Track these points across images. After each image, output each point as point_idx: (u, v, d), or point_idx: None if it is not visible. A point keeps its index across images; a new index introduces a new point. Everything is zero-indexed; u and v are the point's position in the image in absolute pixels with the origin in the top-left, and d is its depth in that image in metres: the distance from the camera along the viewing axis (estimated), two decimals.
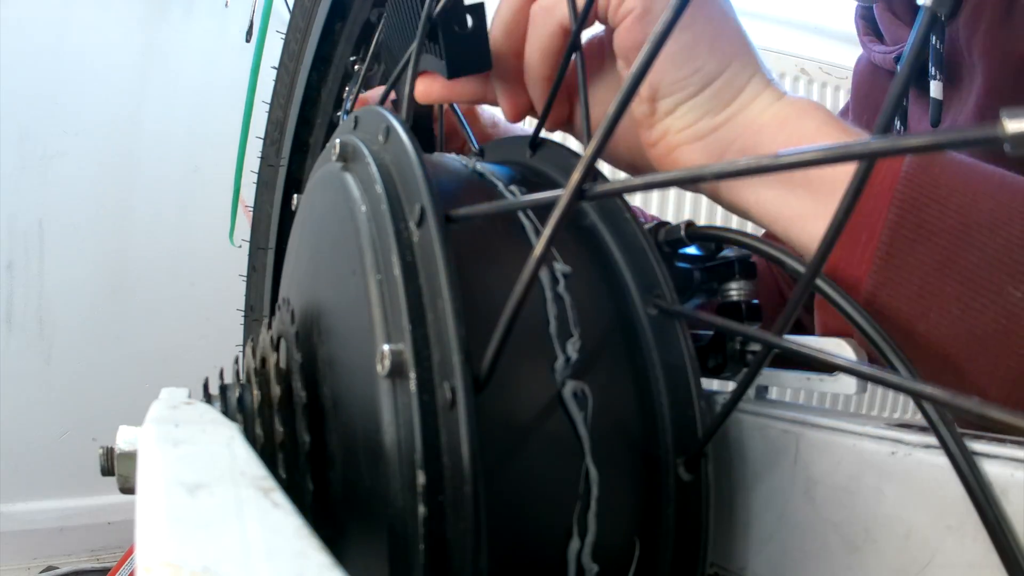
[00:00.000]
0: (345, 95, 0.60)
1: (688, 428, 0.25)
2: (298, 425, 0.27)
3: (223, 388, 0.30)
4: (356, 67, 0.59)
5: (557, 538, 0.22)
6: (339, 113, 0.61)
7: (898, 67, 0.57)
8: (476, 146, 0.39)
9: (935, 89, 0.54)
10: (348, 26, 0.58)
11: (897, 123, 0.57)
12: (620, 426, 0.24)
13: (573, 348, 0.24)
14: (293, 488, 0.26)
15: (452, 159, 0.32)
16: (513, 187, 0.29)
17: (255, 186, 0.69)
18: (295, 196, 0.36)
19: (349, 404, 0.25)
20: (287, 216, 0.65)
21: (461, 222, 0.23)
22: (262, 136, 0.68)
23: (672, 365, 0.25)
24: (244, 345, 0.74)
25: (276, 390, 0.27)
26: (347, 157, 0.28)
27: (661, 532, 0.24)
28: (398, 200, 0.24)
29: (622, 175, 0.56)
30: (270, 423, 0.27)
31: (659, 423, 0.25)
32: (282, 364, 0.29)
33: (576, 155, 0.30)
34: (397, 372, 0.21)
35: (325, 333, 0.28)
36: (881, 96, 0.63)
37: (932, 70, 0.54)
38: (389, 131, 0.26)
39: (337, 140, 0.28)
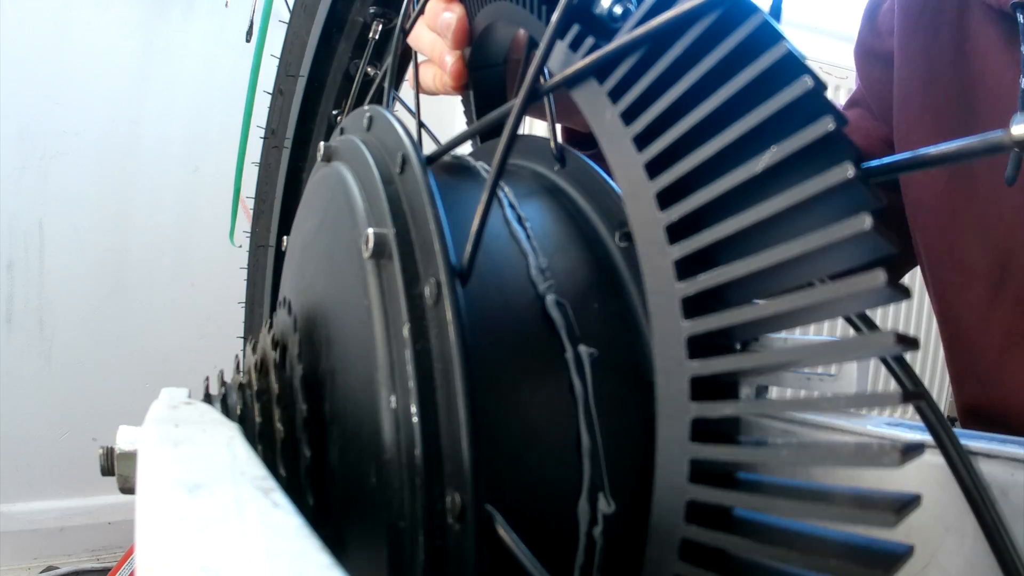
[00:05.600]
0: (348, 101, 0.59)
1: None
2: (298, 434, 0.27)
3: (223, 387, 0.30)
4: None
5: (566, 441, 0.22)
6: (335, 112, 0.61)
7: (1020, 16, 0.49)
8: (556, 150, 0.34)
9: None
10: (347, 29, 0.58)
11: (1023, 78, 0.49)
12: (604, 344, 0.24)
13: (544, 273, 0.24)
14: (293, 490, 0.26)
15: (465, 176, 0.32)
16: (522, 213, 0.29)
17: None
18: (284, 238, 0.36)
19: (347, 416, 0.25)
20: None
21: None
22: (263, 130, 0.68)
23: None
24: (245, 342, 0.73)
25: (275, 387, 0.28)
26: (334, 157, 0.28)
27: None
28: (411, 263, 0.24)
29: None
30: (269, 415, 0.27)
31: (642, 340, 0.25)
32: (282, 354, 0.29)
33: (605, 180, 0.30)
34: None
35: (322, 318, 0.28)
36: (948, 24, 0.56)
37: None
38: (405, 162, 0.26)
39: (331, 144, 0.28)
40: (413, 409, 0.20)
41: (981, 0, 0.53)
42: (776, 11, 0.17)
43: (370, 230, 0.23)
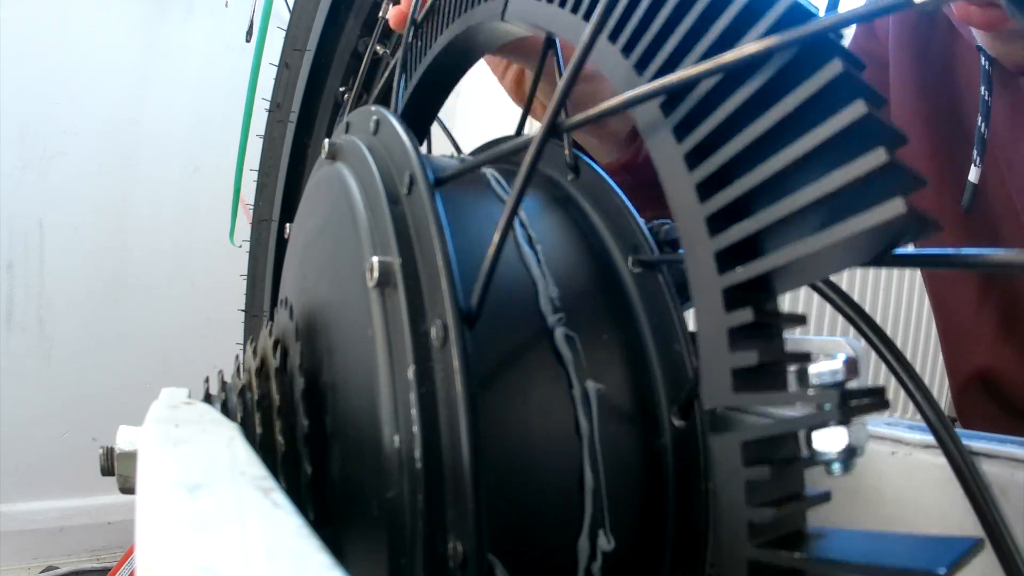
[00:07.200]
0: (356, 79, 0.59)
1: (679, 375, 0.25)
2: (299, 448, 0.27)
3: (223, 390, 0.30)
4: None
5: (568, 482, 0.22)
6: (341, 89, 0.61)
7: (983, 59, 0.53)
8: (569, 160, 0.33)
9: (973, 174, 0.52)
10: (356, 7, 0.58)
11: (981, 122, 0.54)
12: (612, 378, 0.24)
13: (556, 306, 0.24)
14: (291, 466, 0.26)
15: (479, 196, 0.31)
16: (536, 240, 0.28)
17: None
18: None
19: (349, 439, 0.25)
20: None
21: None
22: (262, 135, 0.68)
23: (659, 316, 0.25)
24: (246, 316, 0.73)
25: (276, 397, 0.27)
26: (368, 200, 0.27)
27: (662, 477, 0.24)
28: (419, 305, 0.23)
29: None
30: (270, 424, 0.27)
31: (649, 372, 0.25)
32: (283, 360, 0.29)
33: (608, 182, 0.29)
34: (387, 287, 0.21)
35: (323, 327, 0.28)
36: (939, 39, 0.59)
37: (974, 154, 0.52)
38: (413, 182, 0.26)
39: (356, 189, 0.28)
40: (417, 454, 0.20)
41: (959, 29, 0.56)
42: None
43: (375, 259, 0.22)
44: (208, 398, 0.29)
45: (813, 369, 0.15)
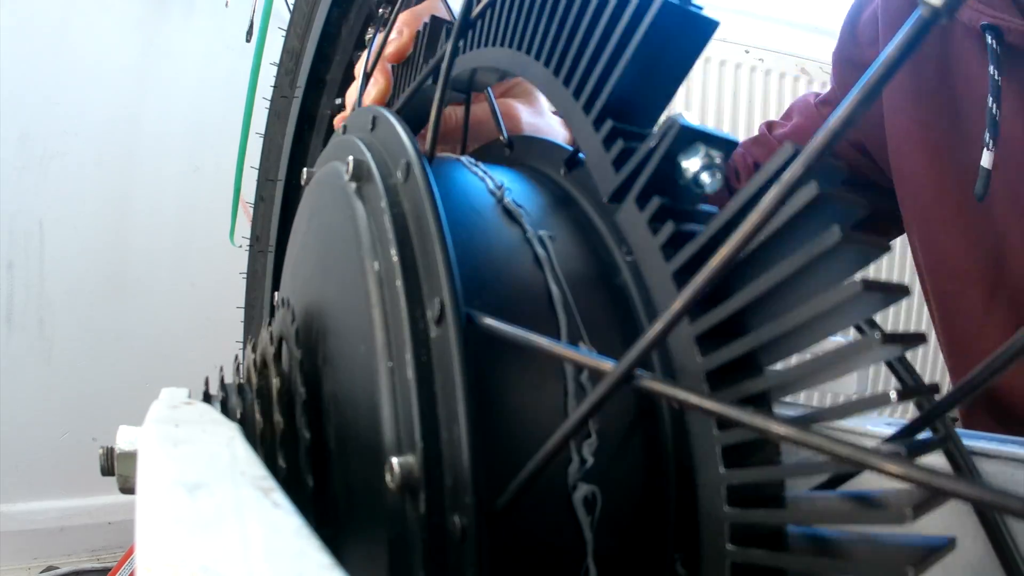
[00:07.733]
0: (368, 37, 0.59)
1: (692, 529, 0.24)
2: (298, 419, 0.27)
3: (223, 389, 0.30)
4: (381, 10, 0.58)
5: None
6: (358, 53, 0.61)
7: (989, 37, 0.51)
8: (505, 137, 0.36)
9: (987, 159, 0.51)
10: None
11: (991, 103, 0.51)
12: (625, 526, 0.23)
13: (588, 451, 0.23)
14: (292, 481, 0.26)
15: (472, 183, 0.29)
16: (542, 233, 0.27)
17: (267, 113, 0.68)
18: (304, 170, 0.34)
19: (347, 416, 0.25)
20: (298, 152, 0.65)
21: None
22: (262, 134, 0.68)
23: (685, 467, 0.24)
24: (244, 345, 0.74)
25: (275, 380, 0.28)
26: (362, 191, 0.27)
27: (663, 467, 0.23)
28: (417, 287, 0.23)
29: None
30: (269, 410, 0.27)
31: (665, 519, 0.24)
32: (284, 367, 0.29)
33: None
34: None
35: (329, 360, 0.28)
36: (932, 38, 0.55)
37: (986, 137, 0.51)
38: (409, 169, 0.25)
39: (351, 159, 0.27)
40: (416, 446, 0.20)
41: (957, 17, 0.54)
42: None
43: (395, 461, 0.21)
44: (208, 398, 0.30)
45: None
